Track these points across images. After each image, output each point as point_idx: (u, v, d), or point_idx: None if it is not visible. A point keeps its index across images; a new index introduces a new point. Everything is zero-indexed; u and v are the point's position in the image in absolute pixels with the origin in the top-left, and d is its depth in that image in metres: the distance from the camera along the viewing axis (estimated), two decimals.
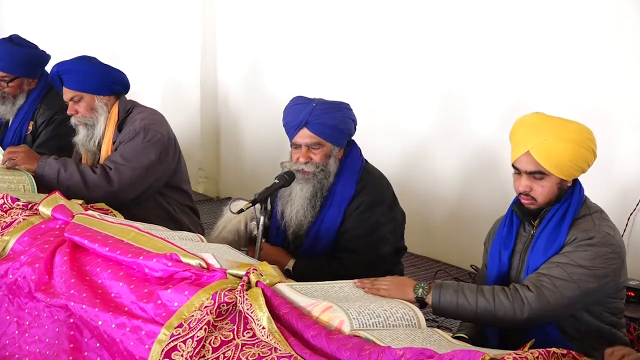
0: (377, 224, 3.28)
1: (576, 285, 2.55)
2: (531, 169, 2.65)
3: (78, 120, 3.89)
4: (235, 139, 6.59)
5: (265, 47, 6.22)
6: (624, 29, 4.24)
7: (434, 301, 2.58)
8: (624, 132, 4.27)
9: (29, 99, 4.48)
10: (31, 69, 4.50)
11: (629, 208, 4.22)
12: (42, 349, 2.79)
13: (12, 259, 3.03)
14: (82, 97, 3.85)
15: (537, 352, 2.09)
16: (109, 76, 3.92)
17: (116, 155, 3.79)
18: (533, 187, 2.67)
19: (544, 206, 2.69)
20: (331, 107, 3.29)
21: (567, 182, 2.69)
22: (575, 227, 2.66)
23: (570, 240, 2.63)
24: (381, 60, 5.41)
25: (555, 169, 2.63)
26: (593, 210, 2.72)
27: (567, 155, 2.63)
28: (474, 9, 4.91)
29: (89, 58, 4.01)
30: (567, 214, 2.67)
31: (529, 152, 2.64)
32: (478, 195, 4.87)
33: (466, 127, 4.94)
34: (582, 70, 4.41)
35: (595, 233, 2.62)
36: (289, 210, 3.30)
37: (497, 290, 2.56)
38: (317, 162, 3.26)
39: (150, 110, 4.00)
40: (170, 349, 2.41)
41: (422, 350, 2.10)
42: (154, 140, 3.82)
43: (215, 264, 2.68)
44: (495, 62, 4.81)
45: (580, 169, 2.68)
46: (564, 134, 2.64)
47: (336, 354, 2.19)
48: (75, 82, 3.86)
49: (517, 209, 2.78)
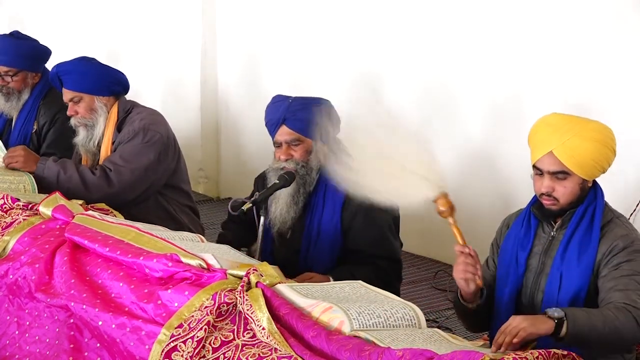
0: (385, 230, 3.29)
1: None
2: (554, 169, 2.62)
3: (78, 121, 3.88)
4: (235, 139, 6.59)
5: (266, 48, 6.22)
6: (622, 26, 4.23)
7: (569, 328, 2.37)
8: (624, 131, 4.26)
9: (33, 93, 4.49)
10: (34, 62, 4.52)
11: (629, 208, 4.22)
12: (43, 349, 2.79)
13: (12, 259, 3.03)
14: (82, 98, 3.85)
15: (537, 352, 2.09)
16: (108, 76, 3.92)
17: (115, 156, 3.79)
18: (555, 187, 2.63)
19: (565, 207, 2.66)
20: (308, 103, 3.30)
21: (588, 182, 2.67)
22: (609, 233, 2.63)
23: (611, 248, 2.60)
24: (381, 62, 5.40)
25: (578, 169, 2.61)
26: (617, 214, 2.71)
27: (590, 154, 2.61)
28: (467, 5, 4.90)
29: (88, 59, 4.01)
30: (595, 217, 2.65)
31: (552, 152, 2.61)
32: (477, 196, 4.87)
33: (464, 127, 4.94)
34: (581, 69, 4.41)
35: (633, 238, 2.61)
36: (274, 208, 3.29)
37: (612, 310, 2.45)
38: (298, 158, 3.26)
39: (149, 110, 4.00)
40: (171, 349, 2.42)
41: (422, 351, 2.10)
42: (152, 140, 3.81)
43: (216, 264, 2.68)
44: (491, 62, 4.81)
45: (602, 168, 2.66)
46: (586, 133, 2.62)
47: (336, 355, 2.19)
48: (74, 82, 3.85)
49: (536, 210, 2.74)
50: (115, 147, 3.84)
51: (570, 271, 2.63)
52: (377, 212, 3.24)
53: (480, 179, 4.77)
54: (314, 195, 3.31)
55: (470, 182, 4.88)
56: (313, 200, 3.31)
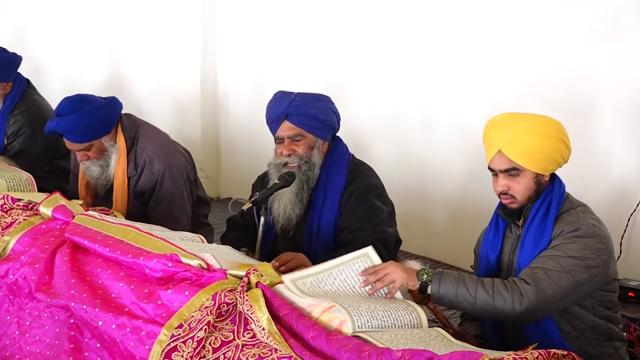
0: (373, 207, 3.28)
1: (569, 275, 2.56)
2: (505, 166, 2.68)
3: (91, 163, 3.80)
4: (235, 139, 6.60)
5: (266, 48, 6.23)
6: (622, 26, 4.23)
7: (433, 289, 2.57)
8: (623, 132, 4.27)
9: (6, 103, 4.56)
10: (4, 72, 4.54)
11: (629, 209, 4.23)
12: (43, 349, 2.79)
13: (12, 260, 3.04)
14: (92, 145, 3.76)
15: (537, 352, 2.09)
16: (106, 114, 3.78)
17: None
18: (510, 185, 2.70)
19: (524, 203, 2.72)
20: (311, 98, 3.31)
21: (544, 176, 2.71)
22: (560, 221, 2.68)
23: (557, 234, 2.65)
24: (381, 63, 5.41)
25: (528, 163, 2.66)
26: (576, 204, 2.74)
27: (538, 147, 2.65)
28: (467, 2, 4.91)
29: (81, 103, 3.75)
30: (550, 209, 2.69)
31: (501, 151, 2.67)
32: (478, 196, 4.87)
33: (466, 128, 4.94)
34: (581, 69, 4.41)
35: (580, 225, 2.64)
36: (277, 205, 3.30)
37: (496, 282, 2.55)
38: (301, 153, 3.27)
39: (152, 134, 3.94)
40: (171, 349, 2.42)
41: (421, 351, 2.10)
42: (176, 177, 3.83)
43: (216, 265, 2.68)
44: (494, 63, 4.81)
45: (554, 161, 2.69)
46: (531, 127, 2.67)
47: (336, 355, 2.19)
48: (80, 137, 3.72)
49: (502, 212, 2.81)
50: (134, 186, 3.82)
51: (526, 261, 2.67)
52: (370, 201, 3.25)
53: (488, 182, 4.77)
54: (315, 192, 3.32)
55: (478, 186, 4.88)
56: (314, 196, 3.32)
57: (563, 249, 2.60)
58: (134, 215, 3.77)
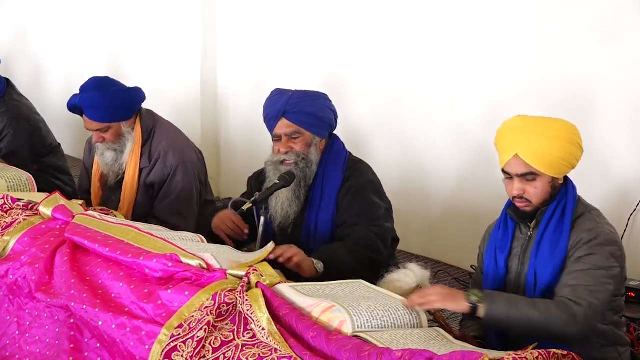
0: (371, 203, 3.27)
1: (605, 288, 2.55)
2: (522, 171, 2.65)
3: (106, 146, 3.84)
4: (235, 140, 6.59)
5: (266, 48, 6.22)
6: (622, 26, 4.23)
7: (486, 312, 2.50)
8: (623, 132, 4.27)
9: None
10: None
11: (629, 208, 4.22)
12: (43, 349, 2.79)
13: (12, 260, 3.04)
14: (110, 127, 3.80)
15: (537, 352, 2.09)
16: (130, 99, 3.86)
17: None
18: (526, 189, 2.67)
19: (539, 207, 2.69)
20: (308, 96, 3.32)
21: (558, 180, 2.69)
22: (577, 227, 2.65)
23: (576, 241, 2.62)
24: (381, 63, 5.41)
25: (545, 168, 2.63)
26: (590, 208, 2.72)
27: (556, 152, 2.63)
28: (467, 2, 4.91)
29: (107, 84, 3.87)
30: (566, 213, 2.67)
31: (518, 155, 2.64)
32: (478, 196, 4.87)
33: (465, 127, 4.94)
34: (581, 69, 4.41)
35: (599, 232, 2.62)
36: (274, 202, 3.30)
37: (549, 304, 2.51)
38: (298, 151, 3.27)
39: (168, 129, 3.98)
40: (171, 349, 2.42)
41: (421, 351, 2.10)
42: (189, 173, 3.86)
43: (216, 265, 2.68)
44: (494, 63, 4.81)
45: (570, 165, 2.68)
46: (550, 133, 2.64)
47: (336, 355, 2.19)
48: (99, 116, 3.77)
49: (512, 212, 2.77)
50: (145, 178, 3.84)
51: (544, 268, 2.65)
52: (368, 197, 3.25)
53: (488, 182, 4.77)
54: (312, 189, 3.32)
55: (478, 185, 4.88)
56: (312, 193, 3.32)
57: (591, 261, 2.57)
58: (140, 207, 3.82)
